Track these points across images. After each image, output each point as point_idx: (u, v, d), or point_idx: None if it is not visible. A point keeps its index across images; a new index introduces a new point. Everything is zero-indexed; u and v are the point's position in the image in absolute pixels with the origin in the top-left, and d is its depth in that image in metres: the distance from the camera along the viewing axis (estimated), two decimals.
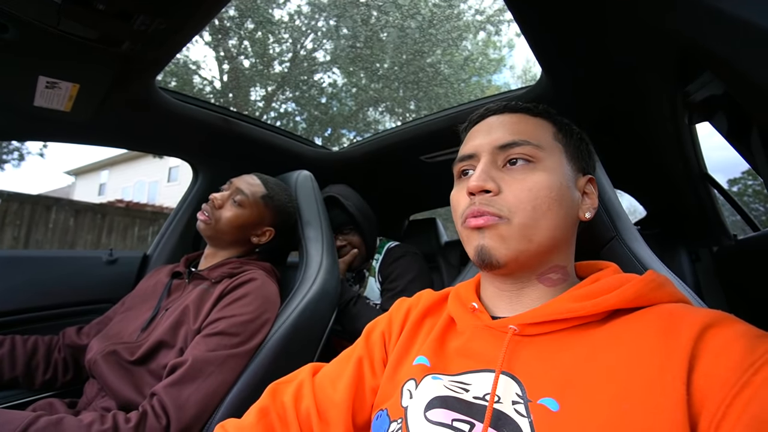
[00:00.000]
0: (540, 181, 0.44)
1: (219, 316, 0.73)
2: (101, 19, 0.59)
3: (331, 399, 0.49)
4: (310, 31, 6.58)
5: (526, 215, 0.43)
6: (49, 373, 0.85)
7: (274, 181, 0.98)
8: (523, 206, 0.43)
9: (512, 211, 0.43)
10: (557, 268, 0.46)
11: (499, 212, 0.43)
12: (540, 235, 0.43)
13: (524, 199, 0.43)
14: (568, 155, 0.48)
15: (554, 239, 0.44)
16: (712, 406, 0.29)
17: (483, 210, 0.44)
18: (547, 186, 0.44)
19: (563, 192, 0.45)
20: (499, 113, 0.51)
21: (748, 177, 9.23)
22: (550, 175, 0.45)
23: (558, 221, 0.44)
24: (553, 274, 0.46)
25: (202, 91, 6.60)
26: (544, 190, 0.44)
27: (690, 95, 0.57)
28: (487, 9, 6.82)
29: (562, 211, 0.44)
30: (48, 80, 0.74)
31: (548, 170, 0.45)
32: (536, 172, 0.45)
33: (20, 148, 7.09)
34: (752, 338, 0.31)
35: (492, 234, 0.43)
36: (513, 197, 0.43)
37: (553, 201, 0.44)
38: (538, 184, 0.44)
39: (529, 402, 0.36)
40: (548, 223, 0.43)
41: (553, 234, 0.44)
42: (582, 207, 0.48)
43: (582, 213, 0.48)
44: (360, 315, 1.05)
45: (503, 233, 0.43)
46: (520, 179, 0.44)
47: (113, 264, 1.14)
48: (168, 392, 0.63)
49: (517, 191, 0.44)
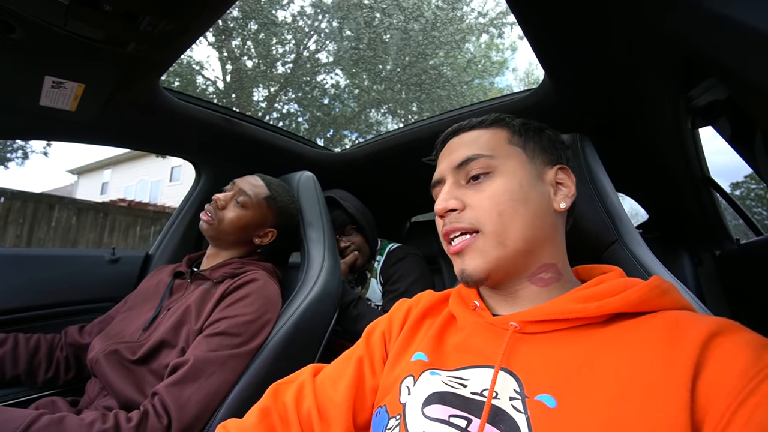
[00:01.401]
0: (498, 188, 0.46)
1: (221, 316, 0.74)
2: (108, 20, 0.59)
3: (332, 399, 0.50)
4: (313, 33, 6.60)
5: (494, 222, 0.44)
6: (51, 371, 0.85)
7: (277, 183, 0.98)
8: (489, 214, 0.45)
9: (480, 221, 0.45)
10: (547, 267, 0.46)
11: (470, 225, 0.45)
12: (513, 238, 0.44)
13: (488, 208, 0.45)
14: (528, 154, 0.49)
15: (531, 238, 0.45)
16: (717, 412, 0.29)
17: (454, 227, 0.46)
18: (506, 190, 0.45)
19: (526, 191, 0.46)
20: (456, 135, 0.53)
21: (751, 181, 9.19)
22: (508, 179, 0.46)
23: (529, 220, 0.45)
24: (543, 273, 0.46)
25: (205, 92, 6.63)
26: (505, 195, 0.45)
27: (693, 99, 0.57)
28: (489, 12, 6.84)
29: (530, 209, 0.45)
30: (54, 80, 0.75)
31: (505, 175, 0.47)
32: (494, 179, 0.47)
33: (24, 147, 7.14)
34: (758, 347, 0.31)
35: (470, 254, 0.45)
36: (478, 208, 0.46)
37: (516, 203, 0.45)
38: (497, 191, 0.46)
39: (527, 398, 0.36)
40: (518, 224, 0.44)
41: (527, 234, 0.45)
42: (555, 199, 0.48)
43: (556, 204, 0.48)
44: (361, 316, 1.05)
45: (479, 246, 0.45)
46: (481, 190, 0.47)
47: (115, 263, 1.15)
48: (169, 392, 0.63)
49: (479, 202, 0.46)
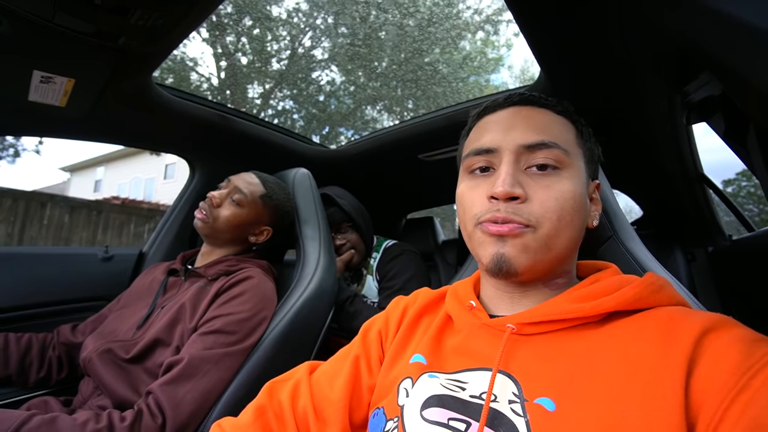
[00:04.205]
0: (567, 191, 0.42)
1: (215, 314, 0.73)
2: (97, 13, 0.58)
3: (328, 398, 0.49)
4: (308, 29, 6.55)
5: (552, 225, 0.41)
6: (43, 371, 0.84)
7: (273, 180, 0.97)
8: (549, 216, 0.41)
9: (539, 220, 0.41)
10: (564, 273, 0.46)
11: (527, 221, 0.40)
12: (560, 245, 0.42)
13: (551, 209, 0.41)
14: (585, 160, 0.46)
15: (570, 248, 0.43)
16: (710, 409, 0.29)
17: (509, 218, 0.40)
18: (572, 196, 0.42)
19: (583, 201, 0.43)
20: (521, 105, 0.46)
21: (743, 178, 9.33)
22: (575, 183, 0.43)
23: (576, 231, 0.43)
24: (559, 279, 0.45)
25: (199, 88, 6.56)
26: (570, 201, 0.41)
27: (688, 95, 0.57)
28: (485, 9, 6.83)
29: (580, 220, 0.43)
30: (43, 75, 0.73)
31: (573, 178, 0.43)
32: (562, 179, 0.42)
33: (16, 144, 7.01)
34: (750, 342, 0.31)
35: (515, 243, 0.41)
36: (540, 206, 0.41)
37: (575, 211, 0.42)
38: (564, 194, 0.41)
39: (526, 401, 0.36)
40: (569, 233, 0.42)
41: (570, 244, 0.43)
42: (590, 214, 0.46)
43: (590, 221, 0.47)
44: (357, 313, 1.05)
45: (528, 243, 0.41)
46: (546, 186, 0.42)
47: (109, 261, 1.13)
48: (164, 390, 0.63)
49: (543, 200, 0.41)
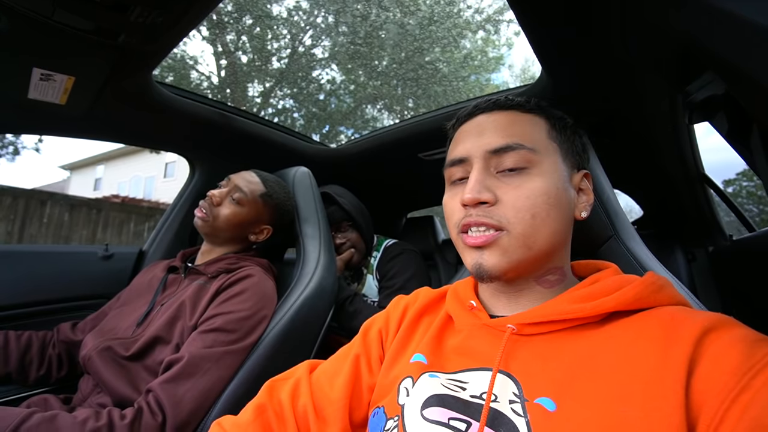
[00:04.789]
0: (537, 188, 0.42)
1: (216, 312, 0.73)
2: (97, 11, 0.58)
3: (328, 397, 0.49)
4: (308, 27, 6.53)
5: (526, 224, 0.41)
6: (43, 369, 0.84)
7: (273, 179, 0.97)
8: (522, 215, 0.41)
9: (511, 221, 0.41)
10: (555, 270, 0.45)
11: (498, 223, 0.41)
12: (540, 242, 0.42)
13: (522, 208, 0.41)
14: (562, 153, 0.46)
15: (553, 244, 0.43)
16: (711, 409, 0.29)
17: (480, 221, 0.42)
18: (545, 192, 0.42)
19: (560, 195, 0.43)
20: (488, 111, 0.48)
21: (743, 178, 9.32)
22: (547, 179, 0.43)
23: (557, 226, 0.43)
24: (551, 275, 0.45)
25: (199, 86, 6.54)
26: (542, 197, 0.42)
27: (690, 95, 0.57)
28: (486, 8, 6.81)
29: (560, 214, 0.43)
30: (42, 72, 0.73)
31: (544, 174, 0.43)
32: (532, 177, 0.43)
33: (15, 143, 7.00)
34: (751, 342, 0.31)
35: (492, 250, 0.42)
36: (510, 207, 0.42)
37: (551, 207, 0.42)
38: (535, 191, 0.42)
39: (526, 401, 0.36)
40: (548, 229, 0.42)
41: (552, 239, 0.43)
42: (578, 206, 0.47)
43: (578, 212, 0.46)
44: (357, 312, 1.05)
45: (505, 246, 0.41)
46: (516, 186, 0.42)
47: (109, 259, 1.13)
48: (164, 389, 0.63)
49: (514, 200, 0.42)
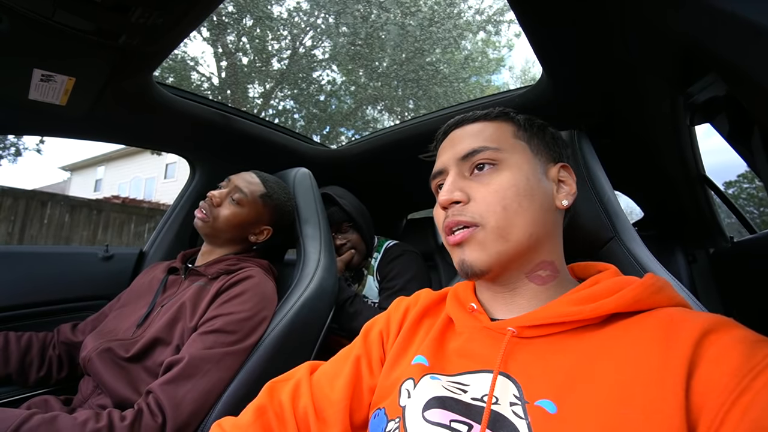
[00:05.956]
0: (505, 181, 0.45)
1: (216, 313, 0.73)
2: (97, 11, 0.58)
3: (329, 398, 0.49)
4: (309, 28, 6.54)
5: (498, 217, 0.43)
6: (43, 370, 0.84)
7: (273, 180, 0.97)
8: (493, 209, 0.44)
9: (483, 216, 0.44)
10: (545, 264, 0.46)
11: (472, 219, 0.44)
12: (516, 233, 0.44)
13: (492, 202, 0.44)
14: (532, 149, 0.49)
15: (533, 234, 0.45)
16: (711, 411, 0.29)
17: (457, 220, 0.45)
18: (513, 184, 0.45)
19: (532, 186, 0.46)
20: (460, 126, 0.52)
21: (744, 180, 9.32)
22: (515, 173, 0.46)
23: (533, 215, 0.45)
24: (541, 271, 0.46)
25: (200, 87, 6.55)
26: (511, 189, 0.45)
27: (692, 96, 0.57)
28: (487, 9, 6.83)
29: (534, 204, 0.45)
30: (43, 73, 0.73)
31: (512, 168, 0.46)
32: (500, 173, 0.46)
33: (17, 144, 7.02)
34: (751, 343, 0.31)
35: (470, 246, 0.44)
36: (482, 202, 0.45)
37: (522, 197, 0.44)
38: (503, 185, 0.45)
39: (527, 404, 0.36)
40: (523, 219, 0.44)
41: (530, 230, 0.44)
42: (558, 196, 0.48)
43: (558, 202, 0.48)
44: (358, 314, 1.05)
45: (481, 240, 0.44)
46: (486, 183, 0.46)
47: (109, 260, 1.13)
48: (164, 390, 0.63)
49: (484, 195, 0.45)
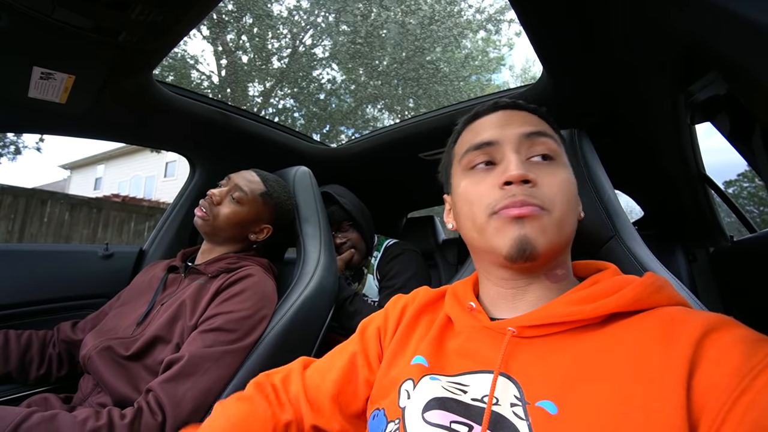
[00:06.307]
0: (567, 177, 0.45)
1: (216, 311, 0.73)
2: (97, 9, 0.58)
3: (320, 387, 0.51)
4: (309, 27, 6.53)
5: (563, 209, 0.43)
6: (43, 368, 0.84)
7: (273, 178, 0.97)
8: (559, 200, 0.43)
9: (552, 203, 0.43)
10: (563, 264, 0.47)
11: (542, 203, 0.42)
12: (568, 230, 0.44)
13: (558, 193, 0.43)
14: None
15: (572, 235, 0.46)
16: (713, 411, 0.29)
17: (526, 201, 0.41)
18: (571, 182, 0.46)
19: (576, 190, 0.47)
20: (509, 109, 0.50)
21: (744, 179, 9.32)
22: (570, 173, 0.46)
23: (575, 217, 0.46)
24: (559, 269, 0.46)
25: (200, 86, 6.54)
26: (571, 186, 0.45)
27: (692, 95, 0.57)
28: (487, 8, 6.81)
29: (579, 207, 0.48)
30: (42, 71, 0.73)
31: (566, 168, 0.47)
32: (560, 167, 0.46)
33: (17, 142, 7.01)
34: (752, 343, 0.31)
35: (534, 225, 0.41)
36: (549, 190, 0.43)
37: (573, 197, 0.45)
38: (566, 180, 0.45)
39: (528, 404, 0.36)
40: (573, 218, 0.45)
41: (573, 230, 0.46)
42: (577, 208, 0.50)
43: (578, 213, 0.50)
44: (357, 312, 1.05)
45: (545, 225, 0.42)
46: (550, 173, 0.44)
47: (109, 259, 1.13)
48: (164, 388, 0.63)
49: (551, 185, 0.43)
